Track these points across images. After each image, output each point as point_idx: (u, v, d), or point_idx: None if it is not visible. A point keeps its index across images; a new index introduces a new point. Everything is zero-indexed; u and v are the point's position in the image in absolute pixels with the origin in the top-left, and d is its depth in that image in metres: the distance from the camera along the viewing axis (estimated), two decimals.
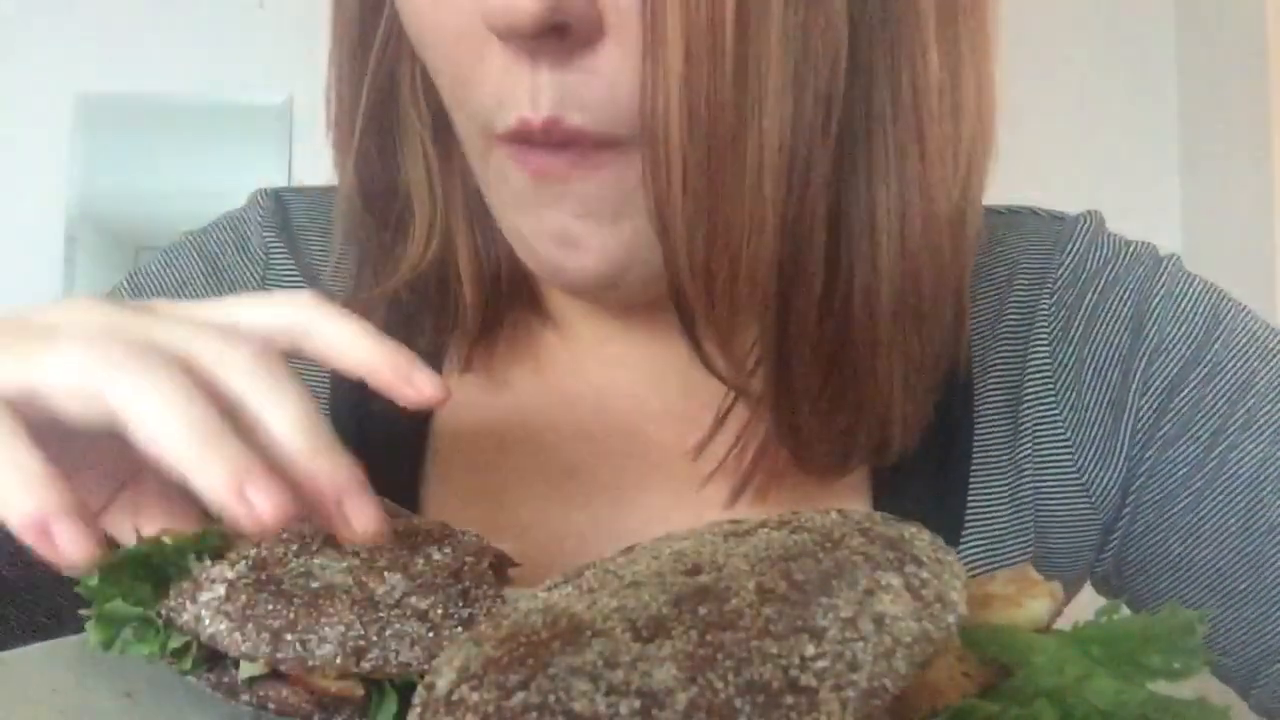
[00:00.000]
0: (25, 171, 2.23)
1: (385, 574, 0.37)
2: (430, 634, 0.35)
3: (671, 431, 0.54)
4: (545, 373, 0.57)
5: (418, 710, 0.28)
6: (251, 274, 0.61)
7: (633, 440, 0.55)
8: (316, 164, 0.58)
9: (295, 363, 0.38)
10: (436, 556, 0.38)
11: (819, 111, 0.43)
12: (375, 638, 0.35)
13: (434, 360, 0.57)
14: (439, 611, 0.36)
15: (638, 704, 0.24)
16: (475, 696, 0.26)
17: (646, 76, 0.41)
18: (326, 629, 0.35)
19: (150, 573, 0.38)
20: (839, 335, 0.47)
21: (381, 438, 0.57)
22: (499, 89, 0.44)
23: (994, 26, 0.50)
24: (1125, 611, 0.31)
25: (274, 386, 0.36)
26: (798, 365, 0.48)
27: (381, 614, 0.35)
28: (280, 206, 0.63)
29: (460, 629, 0.36)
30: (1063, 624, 0.31)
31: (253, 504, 0.33)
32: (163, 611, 0.37)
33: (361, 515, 0.35)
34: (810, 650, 0.25)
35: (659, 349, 0.55)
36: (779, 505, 0.52)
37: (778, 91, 0.42)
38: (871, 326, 0.47)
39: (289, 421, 0.35)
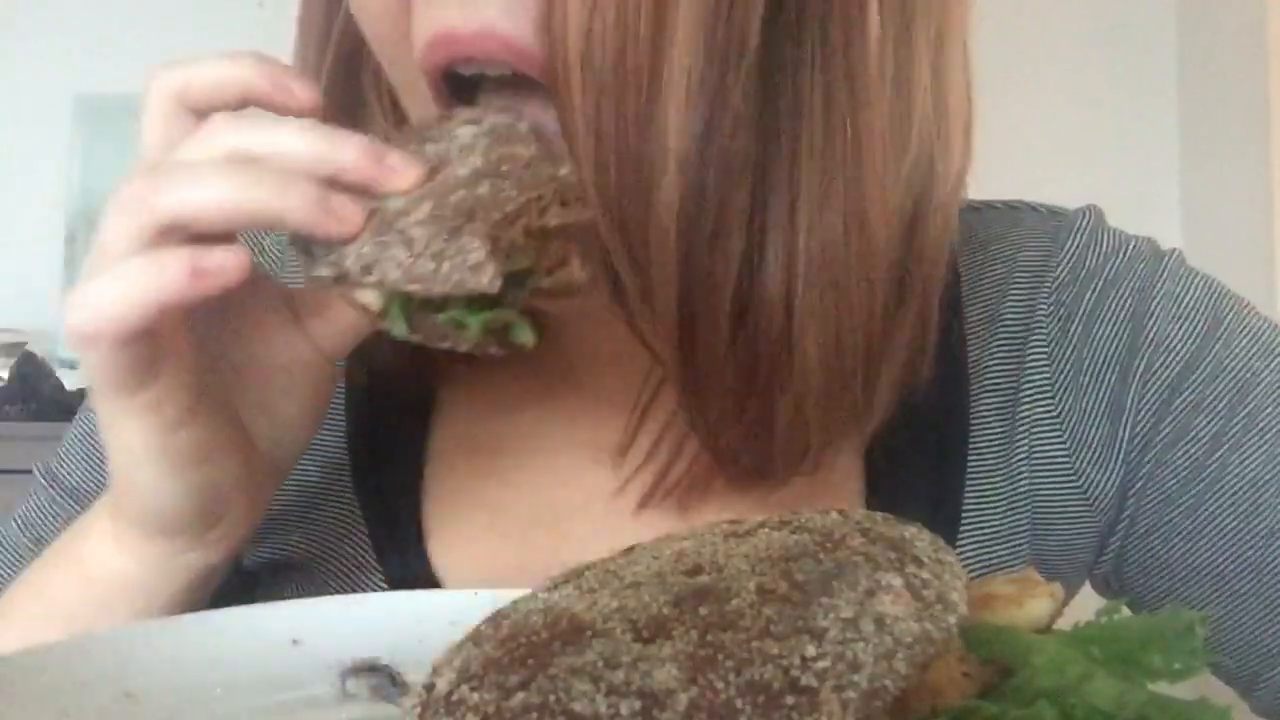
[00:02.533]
0: (25, 171, 2.23)
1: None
2: (410, 259, 0.40)
3: (629, 458, 0.53)
4: (543, 375, 0.57)
5: (417, 710, 0.28)
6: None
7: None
8: None
9: None
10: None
11: (733, 38, 0.42)
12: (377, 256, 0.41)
13: (424, 365, 0.56)
14: (423, 243, 0.41)
15: (638, 704, 0.24)
16: (475, 697, 0.26)
17: None
18: (350, 246, 0.41)
19: None
20: (753, 306, 0.45)
21: (386, 444, 0.57)
22: (427, 12, 0.44)
23: (962, 23, 0.48)
24: (1126, 612, 0.31)
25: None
26: (706, 335, 0.45)
27: (384, 236, 0.41)
28: None
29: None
30: (1063, 624, 0.31)
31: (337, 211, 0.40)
32: None
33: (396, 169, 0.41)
34: (811, 651, 0.25)
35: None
36: (700, 517, 0.51)
37: (691, 21, 0.41)
38: (786, 296, 0.45)
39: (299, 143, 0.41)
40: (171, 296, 0.40)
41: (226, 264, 0.40)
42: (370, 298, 0.42)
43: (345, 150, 0.42)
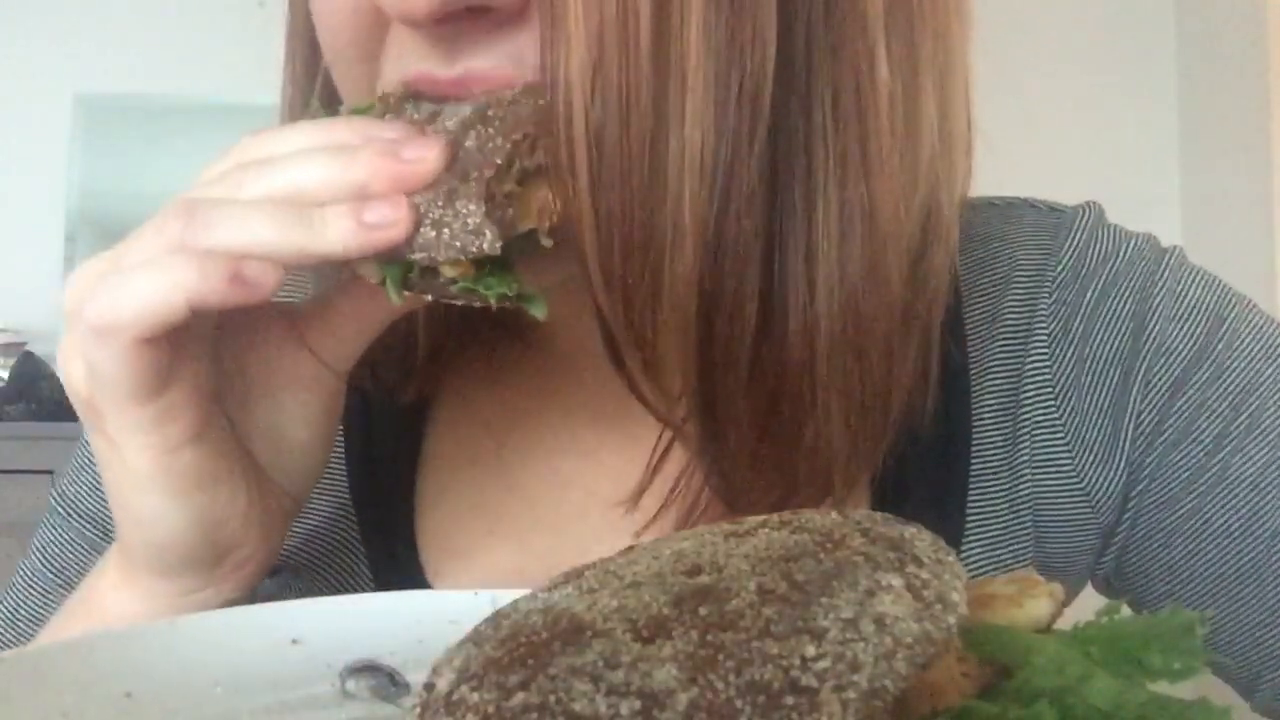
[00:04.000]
0: (25, 171, 2.23)
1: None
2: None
3: (629, 461, 0.52)
4: (542, 379, 0.57)
5: (417, 710, 0.28)
6: None
7: (629, 449, 0.54)
8: None
9: None
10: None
11: (744, 115, 0.40)
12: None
13: (408, 369, 0.56)
14: (422, 211, 0.41)
15: (638, 704, 0.24)
16: (475, 697, 0.26)
17: (546, 65, 0.40)
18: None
19: None
20: (774, 370, 0.44)
21: (382, 445, 0.57)
22: (403, 57, 0.43)
23: (964, 47, 0.47)
24: (1126, 612, 0.31)
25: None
26: (725, 402, 0.44)
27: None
28: None
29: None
30: (1063, 624, 0.31)
31: (377, 223, 0.39)
32: None
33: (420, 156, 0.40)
34: (811, 651, 0.25)
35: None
36: None
37: (699, 91, 0.39)
38: (808, 361, 0.44)
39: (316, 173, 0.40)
40: (207, 297, 0.39)
41: (264, 277, 0.39)
42: (369, 268, 0.42)
43: (357, 167, 0.40)
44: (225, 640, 0.41)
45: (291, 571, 0.57)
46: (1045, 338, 0.55)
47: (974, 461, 0.54)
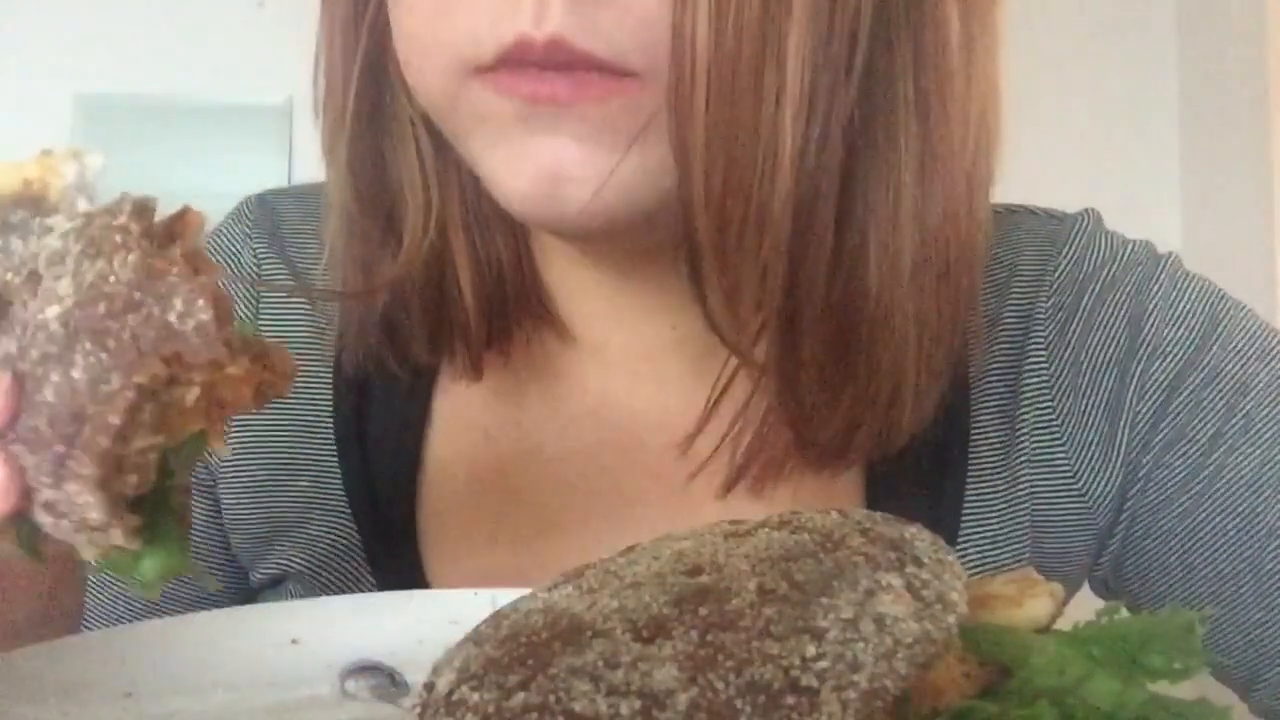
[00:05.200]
0: None
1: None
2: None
3: (671, 438, 0.53)
4: (543, 382, 0.57)
5: (417, 710, 0.28)
6: (244, 292, 0.59)
7: (632, 451, 0.55)
8: (317, 164, 0.57)
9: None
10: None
11: (843, 47, 0.43)
12: None
13: (429, 368, 0.56)
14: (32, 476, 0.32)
15: (638, 704, 0.24)
16: (476, 697, 0.26)
17: None
18: None
19: None
20: (852, 293, 0.47)
21: (380, 452, 0.56)
22: (493, 6, 0.42)
23: (1001, 17, 0.50)
24: (1125, 612, 0.31)
25: None
26: (806, 324, 0.47)
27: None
28: (266, 212, 0.61)
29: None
30: (1063, 624, 0.31)
31: None
32: None
33: None
34: (811, 651, 0.25)
35: (663, 350, 0.55)
36: (774, 502, 0.52)
37: (803, 19, 0.42)
38: (891, 285, 0.47)
39: None
40: None
41: None
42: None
43: None
44: (225, 640, 0.41)
45: (294, 578, 0.57)
46: (1043, 341, 0.55)
47: (971, 462, 0.54)
